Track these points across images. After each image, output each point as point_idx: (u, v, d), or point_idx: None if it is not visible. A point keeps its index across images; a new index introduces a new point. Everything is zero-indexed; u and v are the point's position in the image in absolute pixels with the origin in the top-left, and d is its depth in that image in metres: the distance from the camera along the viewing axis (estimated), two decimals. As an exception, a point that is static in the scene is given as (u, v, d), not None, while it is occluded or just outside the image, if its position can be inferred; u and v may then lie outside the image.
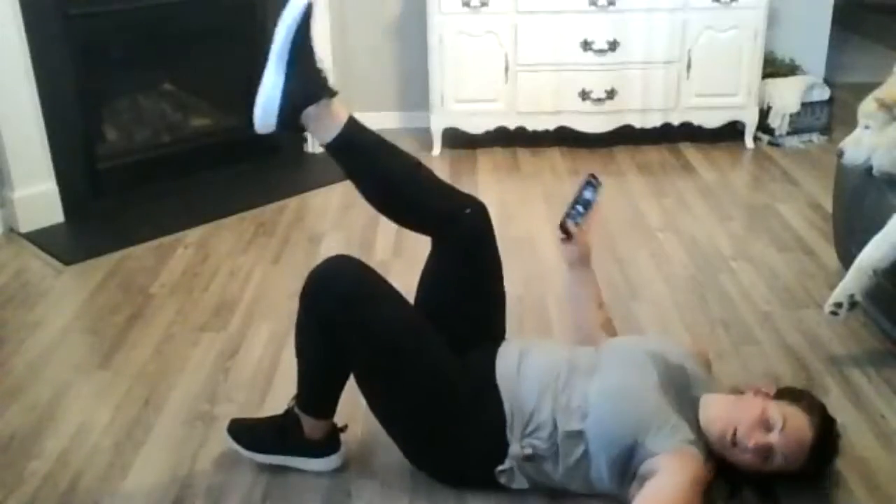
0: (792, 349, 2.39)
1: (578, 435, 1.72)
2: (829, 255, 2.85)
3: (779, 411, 1.73)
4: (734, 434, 1.71)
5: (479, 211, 1.93)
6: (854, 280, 2.20)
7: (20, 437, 2.08)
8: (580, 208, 2.00)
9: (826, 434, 1.78)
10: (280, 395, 2.20)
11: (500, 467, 1.77)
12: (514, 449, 1.76)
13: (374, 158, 1.86)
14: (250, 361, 2.38)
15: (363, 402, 2.15)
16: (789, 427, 1.71)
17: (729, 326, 2.52)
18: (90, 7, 3.28)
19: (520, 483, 1.78)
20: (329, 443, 1.94)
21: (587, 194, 2.01)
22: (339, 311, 1.74)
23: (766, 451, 1.70)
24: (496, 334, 2.00)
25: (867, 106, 2.32)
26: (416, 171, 1.92)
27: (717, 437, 1.74)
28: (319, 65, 1.80)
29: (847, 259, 2.29)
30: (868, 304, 2.43)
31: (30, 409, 2.19)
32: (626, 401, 1.74)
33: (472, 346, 1.90)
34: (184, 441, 2.06)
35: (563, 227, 2.00)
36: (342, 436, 1.97)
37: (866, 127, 2.32)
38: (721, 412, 1.77)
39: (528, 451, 1.75)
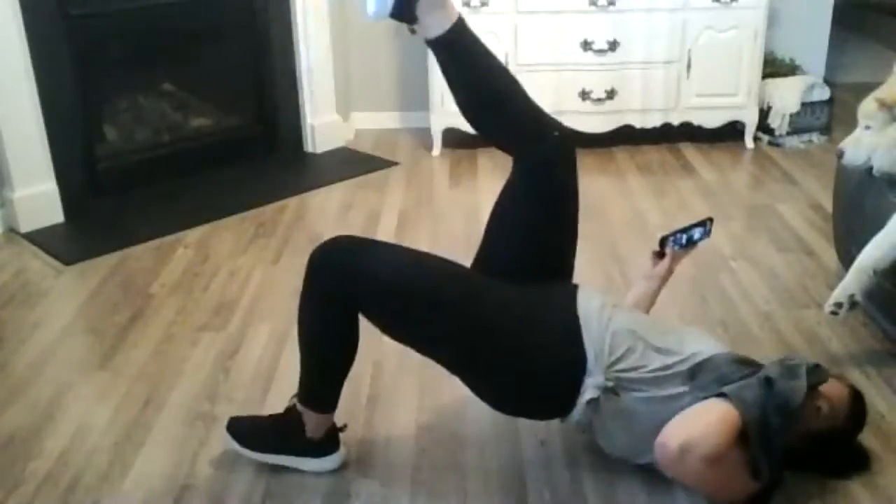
0: (792, 349, 2.39)
1: (682, 375, 1.73)
2: (829, 255, 2.85)
3: None
4: None
5: (567, 136, 1.92)
6: (854, 280, 2.20)
7: (20, 437, 2.08)
8: (683, 239, 2.09)
9: (858, 391, 1.90)
10: (280, 394, 2.20)
11: (589, 396, 1.74)
12: (597, 379, 1.74)
13: (479, 59, 1.86)
14: (250, 361, 2.38)
15: (363, 401, 2.16)
16: (829, 382, 1.83)
17: (729, 326, 2.52)
18: (90, 7, 3.28)
19: (596, 418, 1.76)
20: (329, 443, 1.93)
21: (696, 233, 2.09)
22: (348, 270, 1.72)
23: (814, 393, 1.77)
24: (565, 269, 1.97)
25: (867, 106, 2.32)
26: (514, 82, 1.90)
27: None
28: None
29: (847, 259, 2.29)
30: (868, 303, 2.43)
31: (30, 409, 2.19)
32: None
33: (540, 276, 1.88)
34: (184, 441, 2.05)
35: (663, 244, 2.08)
36: (342, 436, 1.96)
37: (867, 127, 2.32)
38: None
39: (612, 383, 1.73)
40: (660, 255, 2.11)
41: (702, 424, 1.63)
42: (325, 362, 1.87)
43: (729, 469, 1.67)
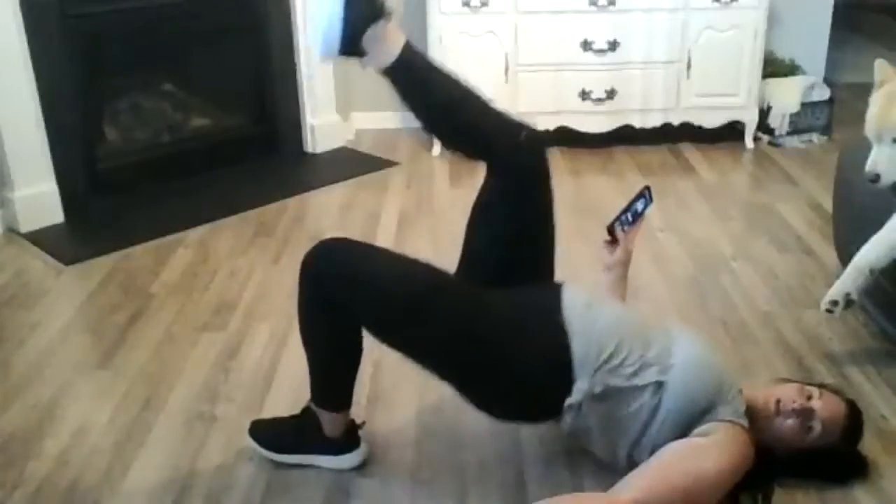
0: (792, 349, 2.39)
1: (658, 386, 1.73)
2: (829, 255, 2.85)
3: (813, 388, 1.86)
4: (777, 402, 1.81)
5: (535, 134, 1.93)
6: (851, 278, 2.20)
7: (20, 437, 2.08)
8: (629, 216, 2.03)
9: (856, 408, 1.89)
10: (280, 394, 2.20)
11: (569, 401, 1.73)
12: (583, 384, 1.72)
13: (433, 79, 1.87)
14: (250, 361, 2.38)
15: (363, 401, 2.16)
16: (826, 397, 1.84)
17: (729, 326, 2.52)
18: (90, 7, 3.28)
19: (582, 423, 1.75)
20: (348, 440, 1.93)
21: (639, 205, 2.03)
22: (342, 278, 1.72)
23: (808, 414, 1.79)
24: (546, 272, 1.97)
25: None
26: (472, 94, 1.91)
27: (762, 406, 1.82)
28: None
29: (847, 259, 2.28)
30: (868, 303, 2.43)
31: (30, 409, 2.19)
32: (711, 368, 1.80)
33: (520, 281, 1.87)
34: (184, 441, 2.05)
35: (611, 231, 2.03)
36: (362, 433, 1.97)
37: (894, 140, 2.14)
38: (763, 389, 1.88)
39: (599, 388, 1.72)
40: (612, 242, 2.05)
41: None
42: (329, 364, 1.87)
43: None
